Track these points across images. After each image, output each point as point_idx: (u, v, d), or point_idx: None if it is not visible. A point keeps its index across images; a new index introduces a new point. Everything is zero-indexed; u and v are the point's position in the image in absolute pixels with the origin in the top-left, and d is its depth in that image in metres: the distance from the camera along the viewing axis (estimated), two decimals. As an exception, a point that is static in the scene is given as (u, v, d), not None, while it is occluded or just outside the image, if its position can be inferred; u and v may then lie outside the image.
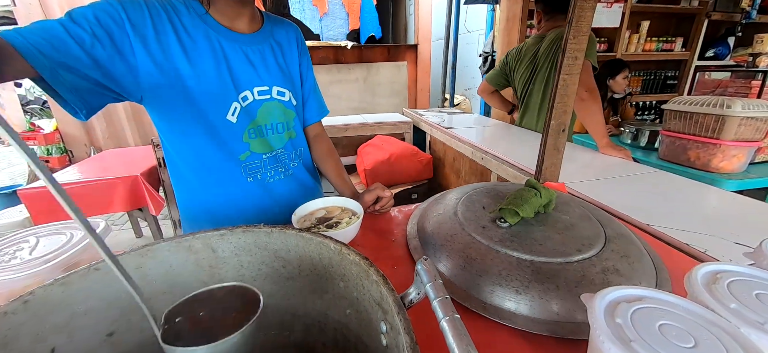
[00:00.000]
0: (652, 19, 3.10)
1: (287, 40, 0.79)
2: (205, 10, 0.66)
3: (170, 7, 0.63)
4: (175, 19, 0.63)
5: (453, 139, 1.81)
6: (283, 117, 0.79)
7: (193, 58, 0.65)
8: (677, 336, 0.25)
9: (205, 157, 0.72)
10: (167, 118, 0.68)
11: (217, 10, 0.67)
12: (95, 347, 0.47)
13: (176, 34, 0.63)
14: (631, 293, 0.30)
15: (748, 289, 0.31)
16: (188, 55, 0.64)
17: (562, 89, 0.84)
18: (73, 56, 0.51)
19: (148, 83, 0.62)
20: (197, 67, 0.65)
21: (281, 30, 0.78)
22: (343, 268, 0.48)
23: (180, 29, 0.63)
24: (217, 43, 0.67)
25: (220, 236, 0.52)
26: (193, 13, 0.65)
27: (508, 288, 0.52)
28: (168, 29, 0.62)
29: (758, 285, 0.31)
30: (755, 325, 0.27)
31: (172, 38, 0.62)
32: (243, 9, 0.69)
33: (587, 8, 0.75)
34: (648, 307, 0.28)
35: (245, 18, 0.70)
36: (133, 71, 0.60)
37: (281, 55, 0.76)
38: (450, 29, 3.42)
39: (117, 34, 0.56)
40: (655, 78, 3.34)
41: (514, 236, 0.60)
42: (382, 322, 0.41)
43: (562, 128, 0.88)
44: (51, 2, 2.68)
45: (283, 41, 0.77)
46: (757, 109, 1.55)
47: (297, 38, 0.81)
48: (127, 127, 3.20)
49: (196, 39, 0.65)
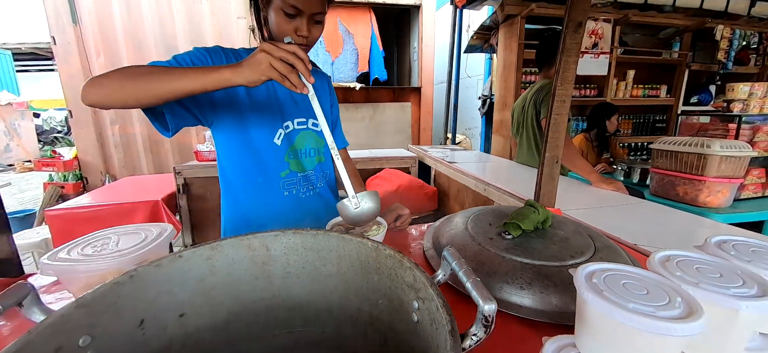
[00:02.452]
0: (637, 68, 3.37)
1: (321, 85, 0.98)
2: None
3: (240, 56, 0.82)
4: None
5: (457, 172, 1.94)
6: (315, 143, 0.93)
7: (253, 94, 0.82)
8: (635, 289, 0.36)
9: (252, 172, 0.87)
10: (228, 139, 0.84)
11: None
12: (169, 323, 0.56)
13: None
14: (605, 266, 0.40)
15: (691, 265, 0.41)
16: (249, 93, 0.82)
17: (553, 126, 0.98)
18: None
19: (221, 111, 0.80)
20: (255, 101, 0.83)
21: (318, 77, 0.97)
22: (378, 263, 0.58)
23: None
24: (271, 85, 0.84)
25: (274, 236, 0.63)
26: None
27: (514, 285, 0.62)
28: None
29: (699, 262, 0.42)
30: (691, 284, 0.37)
31: None
32: None
33: (571, 61, 0.91)
34: (616, 274, 0.39)
35: None
36: (212, 103, 0.78)
37: (317, 95, 0.92)
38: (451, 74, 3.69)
39: None
40: (644, 121, 3.56)
41: (517, 245, 0.70)
42: (414, 301, 0.50)
43: (555, 159, 1.01)
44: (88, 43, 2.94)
45: (318, 86, 0.94)
46: (734, 149, 1.70)
47: (328, 84, 1.01)
48: (143, 156, 3.35)
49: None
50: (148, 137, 3.33)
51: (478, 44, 3.54)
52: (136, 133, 3.28)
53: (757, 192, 2.07)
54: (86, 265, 0.53)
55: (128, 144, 3.33)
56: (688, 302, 0.34)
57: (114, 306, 0.47)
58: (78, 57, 2.89)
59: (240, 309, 0.65)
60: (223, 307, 0.62)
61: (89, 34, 2.88)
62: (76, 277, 0.56)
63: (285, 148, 0.88)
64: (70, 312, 0.41)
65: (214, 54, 0.78)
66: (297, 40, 0.76)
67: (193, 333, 0.59)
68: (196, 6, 3.10)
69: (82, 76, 2.93)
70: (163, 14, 3.04)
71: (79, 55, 2.90)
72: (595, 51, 3.04)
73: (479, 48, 3.63)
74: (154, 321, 0.53)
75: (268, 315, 0.67)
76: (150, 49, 3.08)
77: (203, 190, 2.21)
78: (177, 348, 0.56)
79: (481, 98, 4.08)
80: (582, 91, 3.28)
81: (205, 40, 3.20)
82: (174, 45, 3.14)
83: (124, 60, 3.03)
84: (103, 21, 2.89)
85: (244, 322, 0.66)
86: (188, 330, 0.58)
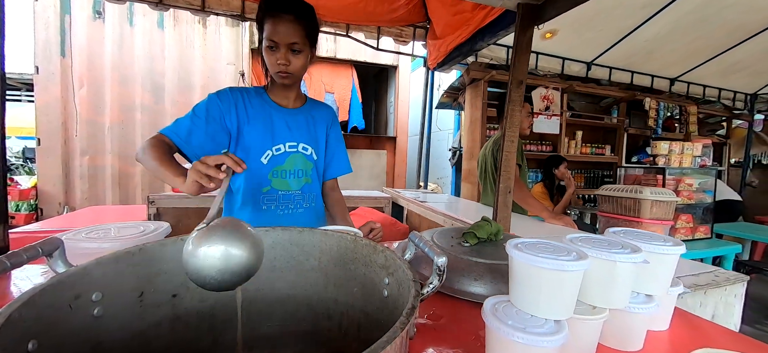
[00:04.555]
0: (585, 129, 3.85)
1: (322, 116, 1.10)
2: (266, 92, 1.01)
3: (244, 92, 0.99)
4: (246, 97, 0.99)
5: (427, 210, 2.09)
6: (303, 165, 1.04)
7: (251, 118, 0.97)
8: (545, 248, 0.49)
9: (238, 185, 0.99)
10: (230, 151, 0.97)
11: (273, 92, 1.02)
12: (163, 302, 0.61)
13: (244, 105, 0.97)
14: (527, 240, 0.54)
15: (589, 240, 0.56)
16: (248, 117, 0.97)
17: (505, 162, 1.17)
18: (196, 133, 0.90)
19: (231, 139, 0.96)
20: (252, 125, 0.97)
21: (320, 109, 1.10)
22: (355, 252, 0.68)
23: (248, 103, 0.98)
24: (268, 111, 0.99)
25: (264, 232, 0.72)
26: (259, 95, 1.01)
27: (470, 278, 0.73)
28: (240, 104, 0.97)
29: (596, 239, 0.57)
30: (585, 247, 0.51)
31: (241, 107, 0.97)
32: (288, 93, 1.03)
33: (516, 110, 1.12)
34: (535, 243, 0.52)
35: (290, 98, 1.03)
36: (227, 132, 0.96)
37: (313, 124, 1.06)
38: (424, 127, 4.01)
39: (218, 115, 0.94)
40: (594, 175, 3.98)
41: (472, 250, 0.83)
42: (385, 278, 0.60)
43: (508, 190, 1.19)
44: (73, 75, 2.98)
45: (317, 115, 1.08)
46: (662, 195, 2.00)
47: (331, 115, 1.13)
48: (109, 189, 3.25)
49: (255, 108, 0.98)
50: (119, 170, 3.27)
51: (448, 102, 3.93)
52: (105, 165, 3.21)
53: (687, 236, 2.36)
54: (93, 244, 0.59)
55: (95, 176, 3.23)
56: (580, 253, 0.48)
57: (122, 274, 0.54)
58: (59, 87, 2.90)
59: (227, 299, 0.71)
60: (211, 296, 0.69)
61: (76, 66, 2.94)
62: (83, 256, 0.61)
63: (271, 167, 0.99)
64: (90, 268, 0.49)
65: (224, 99, 0.94)
66: (279, 68, 0.91)
67: (182, 315, 0.65)
68: (188, 50, 3.28)
69: (60, 104, 2.92)
70: (154, 54, 3.18)
71: (61, 85, 2.91)
72: (547, 113, 3.48)
73: (449, 105, 4.03)
74: (152, 296, 0.59)
75: (250, 308, 0.74)
76: (135, 85, 3.15)
77: (176, 221, 2.19)
78: (167, 326, 0.61)
79: (451, 150, 4.41)
80: (539, 147, 3.67)
81: (193, 82, 3.34)
82: (161, 83, 3.25)
83: (107, 93, 3.07)
84: (92, 55, 2.98)
85: (229, 312, 0.72)
86: (178, 312, 0.64)
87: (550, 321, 0.46)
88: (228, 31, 3.43)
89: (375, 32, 2.56)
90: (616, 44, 2.88)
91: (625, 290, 0.51)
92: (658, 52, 3.06)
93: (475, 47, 2.14)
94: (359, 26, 2.51)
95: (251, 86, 1.03)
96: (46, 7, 2.92)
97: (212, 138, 0.92)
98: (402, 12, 2.35)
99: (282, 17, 0.87)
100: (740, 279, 1.08)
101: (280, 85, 0.97)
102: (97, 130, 3.14)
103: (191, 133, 0.89)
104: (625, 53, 3.03)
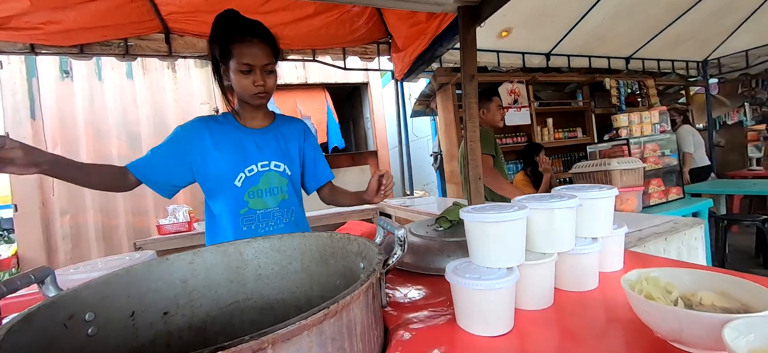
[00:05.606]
0: (554, 116, 4.03)
1: (292, 131, 1.13)
2: (234, 117, 1.05)
3: (212, 120, 1.03)
4: (213, 125, 1.02)
5: (414, 213, 2.15)
6: (278, 182, 1.08)
7: (220, 145, 1.00)
8: (492, 209, 0.56)
9: (219, 209, 1.01)
10: (206, 185, 1.02)
11: (240, 115, 1.05)
12: (155, 320, 0.65)
13: (211, 134, 1.00)
14: (478, 206, 0.60)
15: (534, 199, 0.63)
16: (217, 145, 1.00)
17: (471, 152, 1.25)
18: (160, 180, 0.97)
19: (195, 170, 1.01)
20: (222, 151, 1.00)
21: (289, 124, 1.14)
22: (333, 247, 0.73)
23: (215, 130, 1.01)
24: (237, 135, 1.03)
25: (247, 243, 0.76)
26: (227, 120, 1.04)
27: (443, 256, 0.79)
28: (206, 134, 1.00)
29: (538, 197, 0.64)
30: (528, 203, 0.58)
31: (207, 137, 1.00)
32: (256, 113, 1.06)
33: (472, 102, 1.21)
34: (484, 207, 0.59)
35: (258, 118, 1.07)
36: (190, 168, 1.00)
37: (284, 140, 1.10)
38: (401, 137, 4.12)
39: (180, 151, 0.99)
40: (571, 158, 4.14)
41: (446, 232, 0.89)
42: (361, 263, 0.66)
43: (477, 177, 1.26)
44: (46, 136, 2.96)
45: (287, 132, 1.12)
46: (629, 163, 2.12)
47: (302, 129, 1.16)
48: (94, 245, 3.18)
49: (225, 134, 1.01)
50: (102, 224, 3.21)
51: (422, 109, 4.06)
52: (88, 222, 3.16)
53: (661, 199, 2.49)
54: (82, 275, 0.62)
55: (78, 235, 3.17)
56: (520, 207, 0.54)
57: (113, 295, 0.58)
58: (32, 150, 2.88)
59: (217, 312, 0.75)
60: (202, 309, 0.72)
61: (48, 126, 2.92)
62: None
63: (245, 189, 1.01)
64: (81, 290, 0.52)
65: (189, 130, 1.00)
66: (257, 89, 0.96)
67: (175, 331, 0.68)
68: (160, 96, 3.31)
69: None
70: (126, 105, 3.20)
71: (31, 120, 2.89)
72: (517, 105, 3.64)
73: (423, 112, 4.16)
74: (143, 315, 0.63)
75: (243, 317, 0.77)
76: (111, 137, 3.15)
77: (165, 265, 2.17)
78: (162, 342, 0.64)
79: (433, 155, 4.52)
80: (514, 139, 3.81)
81: (168, 126, 3.35)
82: (136, 132, 3.25)
83: (82, 148, 3.05)
84: (63, 114, 2.97)
85: (220, 324, 0.75)
86: (170, 328, 0.67)
87: (503, 269, 0.53)
88: (198, 72, 3.49)
89: (341, 53, 2.67)
90: (568, 34, 3.08)
91: (567, 234, 0.58)
92: (609, 36, 3.28)
93: (436, 54, 2.26)
94: (325, 49, 2.62)
95: (219, 114, 1.06)
96: (12, 74, 2.92)
97: (168, 172, 0.98)
98: (363, 31, 2.47)
99: (253, 41, 0.93)
100: (697, 223, 1.17)
101: (248, 106, 1.02)
102: (74, 188, 3.10)
103: (148, 163, 0.96)
104: (579, 40, 3.24)
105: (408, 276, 0.83)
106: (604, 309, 0.56)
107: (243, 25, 0.95)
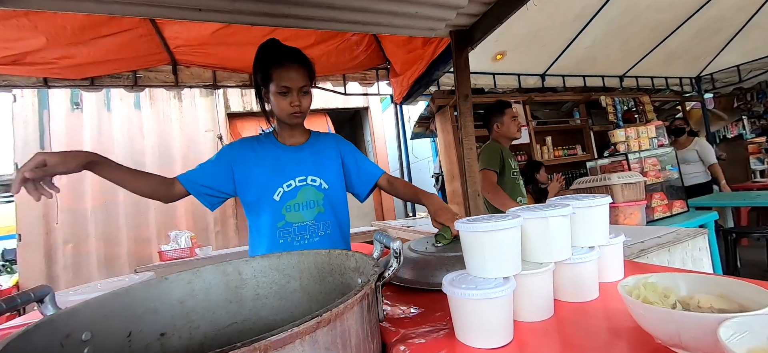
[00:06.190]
0: (553, 134, 4.07)
1: (327, 145, 1.17)
2: (274, 136, 1.13)
3: (255, 140, 1.12)
4: (256, 144, 1.11)
5: (415, 233, 2.14)
6: (315, 196, 1.10)
7: (261, 161, 1.07)
8: (487, 220, 0.57)
9: (259, 222, 1.08)
10: (246, 199, 1.09)
11: (280, 134, 1.13)
12: (152, 341, 0.64)
13: (254, 151, 1.09)
14: (473, 217, 0.61)
15: (529, 209, 0.64)
16: (259, 161, 1.08)
17: (468, 168, 1.27)
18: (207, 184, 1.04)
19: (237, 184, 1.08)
20: (262, 166, 1.07)
21: (323, 139, 1.18)
22: (331, 264, 0.73)
23: (257, 148, 1.10)
24: (276, 152, 1.10)
25: (245, 262, 0.77)
26: (268, 139, 1.13)
27: (443, 270, 0.78)
28: (249, 151, 1.09)
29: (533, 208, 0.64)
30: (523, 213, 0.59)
31: (250, 154, 1.08)
32: (294, 131, 1.13)
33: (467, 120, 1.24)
34: (479, 218, 0.60)
35: (295, 136, 1.13)
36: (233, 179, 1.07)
37: (319, 155, 1.14)
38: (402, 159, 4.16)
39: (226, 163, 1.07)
40: (572, 175, 4.14)
41: (445, 248, 0.89)
42: (358, 278, 0.65)
43: (476, 193, 1.27)
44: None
45: (322, 146, 1.16)
46: (630, 177, 2.11)
47: (335, 140, 1.20)
48: (96, 275, 3.17)
49: (266, 151, 1.10)
50: (104, 253, 3.21)
51: (421, 131, 4.12)
52: (90, 251, 3.16)
53: (665, 213, 2.46)
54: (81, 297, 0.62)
55: (79, 263, 3.16)
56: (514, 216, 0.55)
57: (110, 315, 0.58)
58: (39, 181, 2.93)
59: (215, 333, 0.74)
60: (200, 331, 0.72)
61: (55, 158, 2.99)
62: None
63: (283, 203, 1.06)
64: (78, 309, 0.53)
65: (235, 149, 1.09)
66: (293, 109, 1.02)
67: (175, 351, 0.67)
68: (166, 125, 3.40)
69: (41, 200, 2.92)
70: (133, 134, 3.28)
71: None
72: (515, 124, 3.69)
73: (423, 134, 4.21)
74: (139, 335, 0.62)
75: (239, 339, 0.76)
76: (116, 166, 3.21)
77: (165, 293, 2.15)
78: (158, 364, 0.63)
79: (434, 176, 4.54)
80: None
81: (173, 154, 3.42)
82: (141, 160, 3.31)
83: (87, 179, 3.10)
84: (71, 144, 3.04)
85: (217, 345, 0.74)
86: (167, 350, 0.66)
87: (499, 279, 0.52)
88: (203, 101, 3.60)
89: (341, 79, 2.75)
90: (562, 55, 3.17)
91: (563, 243, 0.58)
92: (601, 55, 3.37)
93: (433, 77, 2.33)
94: (326, 76, 2.70)
95: (262, 134, 1.16)
96: (25, 107, 3.02)
97: (215, 179, 1.05)
98: (362, 58, 2.56)
99: (291, 66, 1.01)
100: (701, 233, 1.16)
101: (286, 125, 1.10)
102: (77, 217, 3.13)
103: (196, 172, 1.04)
104: (573, 61, 3.32)
105: (408, 294, 0.82)
106: (605, 319, 0.55)
107: (282, 51, 1.03)
